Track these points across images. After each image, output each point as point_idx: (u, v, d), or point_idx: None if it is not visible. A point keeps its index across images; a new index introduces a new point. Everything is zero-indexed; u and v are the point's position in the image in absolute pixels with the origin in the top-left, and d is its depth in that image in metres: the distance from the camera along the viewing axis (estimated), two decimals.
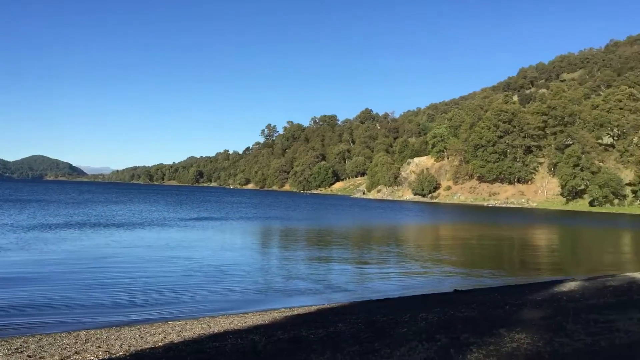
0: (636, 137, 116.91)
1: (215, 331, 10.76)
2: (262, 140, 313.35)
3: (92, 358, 8.56)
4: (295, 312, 13.26)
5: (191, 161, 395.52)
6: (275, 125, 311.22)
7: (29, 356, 8.65)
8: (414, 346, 8.42)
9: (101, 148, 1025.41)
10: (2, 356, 8.72)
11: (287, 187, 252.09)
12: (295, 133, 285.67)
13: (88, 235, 30.98)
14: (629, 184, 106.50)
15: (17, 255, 22.03)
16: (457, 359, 7.53)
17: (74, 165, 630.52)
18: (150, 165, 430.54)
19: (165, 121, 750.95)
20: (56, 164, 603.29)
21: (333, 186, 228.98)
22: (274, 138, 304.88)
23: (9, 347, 9.26)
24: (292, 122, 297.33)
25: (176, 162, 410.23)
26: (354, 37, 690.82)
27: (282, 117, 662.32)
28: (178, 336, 10.32)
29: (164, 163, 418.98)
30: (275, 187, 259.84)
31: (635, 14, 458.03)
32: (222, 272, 20.36)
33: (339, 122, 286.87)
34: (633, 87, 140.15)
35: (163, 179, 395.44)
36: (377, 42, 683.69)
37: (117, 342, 9.80)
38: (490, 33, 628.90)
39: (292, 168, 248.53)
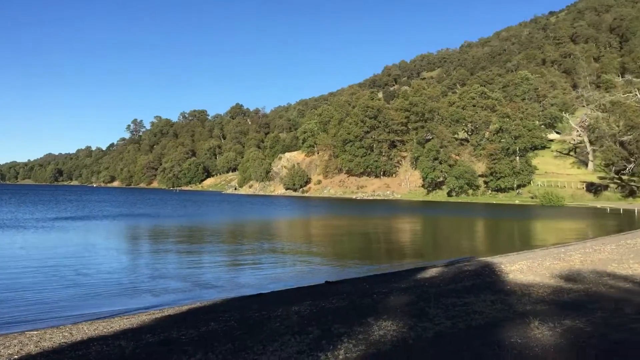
0: (487, 133, 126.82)
1: (78, 339, 10.10)
2: (127, 135, 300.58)
3: None
4: (166, 313, 12.84)
5: (49, 158, 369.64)
6: (142, 120, 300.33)
7: None
8: (286, 340, 8.49)
9: None
10: None
11: (155, 185, 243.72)
12: (163, 128, 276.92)
13: None
14: (481, 175, 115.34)
15: None
16: (329, 350, 7.70)
17: None
18: (1, 164, 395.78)
19: (17, 116, 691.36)
20: None
21: (204, 182, 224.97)
22: (140, 134, 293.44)
23: None
24: (160, 117, 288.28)
25: (32, 160, 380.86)
26: (224, 31, 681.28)
27: (149, 112, 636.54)
28: (36, 347, 9.57)
29: (18, 161, 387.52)
30: (142, 185, 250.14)
31: (486, 17, 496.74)
32: (85, 275, 19.21)
33: (210, 117, 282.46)
34: (484, 86, 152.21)
35: (17, 177, 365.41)
36: (247, 36, 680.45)
37: None
38: (357, 30, 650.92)
39: (161, 164, 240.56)
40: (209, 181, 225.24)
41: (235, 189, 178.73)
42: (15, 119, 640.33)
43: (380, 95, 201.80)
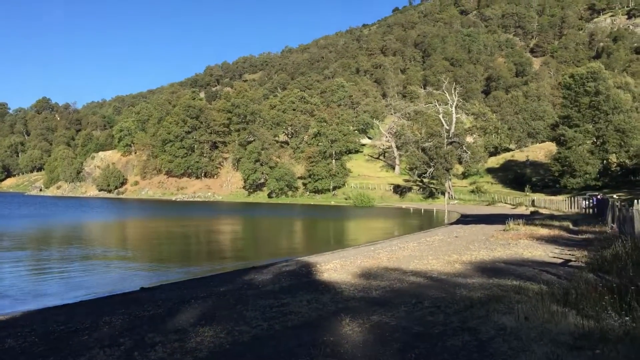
0: (306, 136, 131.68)
1: None
2: None
3: None
4: None
5: None
6: None
7: None
8: (94, 354, 7.94)
9: None
10: None
11: None
12: None
13: None
14: (300, 177, 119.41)
15: None
16: None
17: None
18: None
19: None
20: None
21: (3, 183, 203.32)
22: None
23: None
24: None
25: None
26: (28, 17, 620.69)
27: None
28: None
29: None
30: None
31: (307, 25, 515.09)
32: None
33: (11, 111, 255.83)
34: (304, 91, 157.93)
35: None
36: (56, 24, 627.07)
37: None
38: (178, 27, 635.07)
39: None
40: (9, 181, 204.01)
41: (41, 190, 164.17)
42: None
43: (202, 95, 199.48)
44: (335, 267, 17.09)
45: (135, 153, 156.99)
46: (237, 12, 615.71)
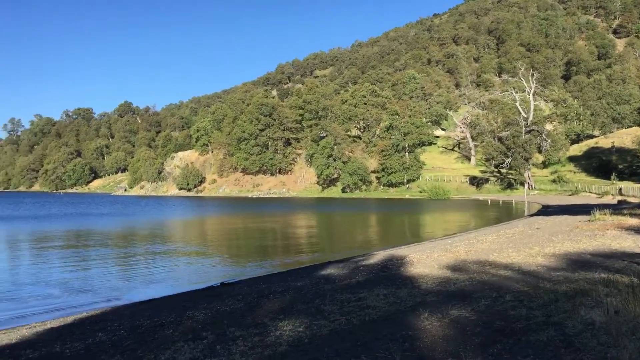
0: (378, 130, 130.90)
1: None
2: (4, 135, 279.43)
3: None
4: (49, 326, 12.02)
5: None
6: (20, 119, 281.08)
7: None
8: (179, 347, 8.22)
9: None
10: None
11: (37, 188, 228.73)
12: (44, 128, 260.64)
13: None
14: (374, 171, 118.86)
15: None
16: (223, 355, 7.53)
17: None
18: None
19: None
20: None
21: (91, 184, 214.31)
22: (19, 133, 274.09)
23: None
24: (40, 115, 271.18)
25: None
26: (110, 26, 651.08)
27: (27, 110, 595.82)
28: None
29: None
30: (22, 188, 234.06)
31: (376, 18, 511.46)
32: None
33: (96, 116, 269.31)
34: (375, 84, 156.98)
35: None
36: (135, 33, 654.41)
37: None
38: (250, 28, 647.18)
39: (43, 166, 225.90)
40: (96, 183, 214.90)
41: (126, 190, 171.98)
42: None
43: (274, 93, 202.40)
44: (412, 261, 16.90)
45: (212, 152, 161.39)
46: (306, 10, 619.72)
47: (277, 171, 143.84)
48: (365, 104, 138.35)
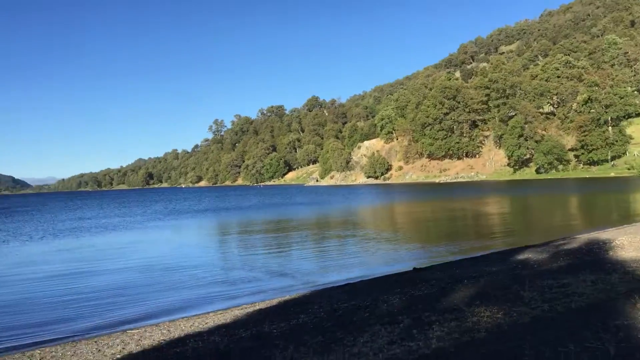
0: (575, 104, 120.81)
1: (176, 336, 10.46)
2: (210, 136, 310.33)
3: None
4: (257, 308, 13.06)
5: (139, 163, 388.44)
6: (222, 120, 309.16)
7: None
8: (376, 331, 8.38)
9: (45, 157, 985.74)
10: None
11: (239, 182, 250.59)
12: (243, 126, 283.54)
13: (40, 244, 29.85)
14: (571, 149, 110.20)
15: None
16: (420, 339, 7.52)
17: (16, 177, 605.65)
18: (97, 171, 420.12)
19: (110, 125, 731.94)
20: None
21: (286, 176, 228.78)
22: (222, 133, 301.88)
23: None
24: (239, 115, 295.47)
25: (124, 166, 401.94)
26: (299, 24, 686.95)
27: (228, 111, 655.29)
28: (137, 345, 9.98)
29: (112, 168, 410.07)
30: (228, 183, 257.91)
31: None
32: (181, 271, 19.91)
33: (287, 112, 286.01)
34: (569, 55, 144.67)
35: (112, 184, 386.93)
36: (319, 28, 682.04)
37: (73, 358, 9.41)
38: (429, 9, 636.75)
39: (244, 162, 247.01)
40: (290, 175, 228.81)
41: (317, 180, 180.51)
42: (107, 130, 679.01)
43: (457, 74, 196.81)
44: (622, 244, 15.34)
45: (397, 139, 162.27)
46: None
47: (464, 155, 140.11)
48: (558, 77, 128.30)
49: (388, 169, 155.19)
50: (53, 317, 13.82)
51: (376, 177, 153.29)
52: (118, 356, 9.28)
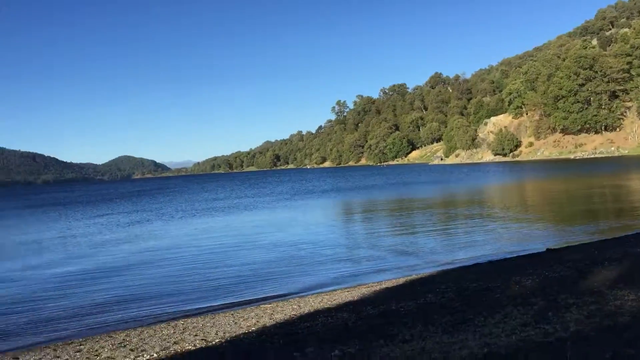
0: None
1: (306, 311, 10.85)
2: (333, 117, 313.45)
3: (189, 347, 8.85)
4: (384, 286, 13.17)
5: (267, 146, 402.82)
6: (345, 101, 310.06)
7: (131, 349, 9.05)
8: (508, 312, 8.12)
9: (182, 142, 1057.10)
10: (108, 351, 9.16)
11: (363, 162, 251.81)
12: (365, 106, 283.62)
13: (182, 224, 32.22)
14: None
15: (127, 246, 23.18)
16: (556, 322, 7.17)
17: (158, 162, 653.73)
18: (228, 154, 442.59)
19: (240, 110, 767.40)
20: (141, 163, 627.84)
21: (409, 155, 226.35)
22: (345, 114, 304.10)
23: (113, 342, 9.74)
24: (361, 95, 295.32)
25: (253, 149, 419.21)
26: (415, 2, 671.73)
27: (351, 91, 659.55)
28: (270, 319, 10.49)
29: (242, 150, 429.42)
30: (351, 163, 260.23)
31: None
32: (310, 250, 20.55)
33: (409, 90, 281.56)
34: None
35: (242, 166, 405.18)
36: (441, 1, 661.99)
37: (212, 329, 10.08)
38: None
39: (367, 142, 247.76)
40: (414, 154, 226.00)
41: (442, 159, 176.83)
42: (238, 115, 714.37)
43: (594, 42, 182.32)
44: None
45: (527, 114, 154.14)
46: None
47: (602, 128, 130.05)
48: None
49: (517, 146, 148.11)
50: (195, 290, 14.90)
51: (504, 155, 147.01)
52: (253, 328, 9.80)
